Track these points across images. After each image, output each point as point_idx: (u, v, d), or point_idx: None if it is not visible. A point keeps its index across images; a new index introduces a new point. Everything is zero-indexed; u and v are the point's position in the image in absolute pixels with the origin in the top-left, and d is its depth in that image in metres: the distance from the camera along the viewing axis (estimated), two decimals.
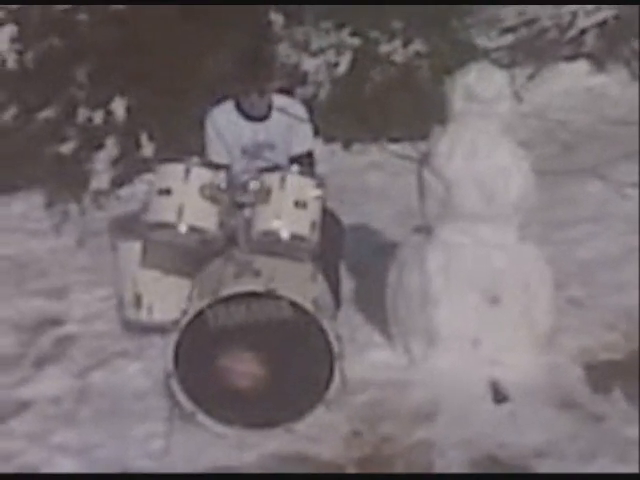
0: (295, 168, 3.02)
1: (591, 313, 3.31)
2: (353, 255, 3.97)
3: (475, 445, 2.60)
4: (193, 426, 2.75)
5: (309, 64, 6.01)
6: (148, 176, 4.32)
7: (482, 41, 6.33)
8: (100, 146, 5.47)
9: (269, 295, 2.71)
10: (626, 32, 6.38)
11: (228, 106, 3.32)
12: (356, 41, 6.03)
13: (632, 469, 2.46)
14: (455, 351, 2.98)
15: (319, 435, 2.69)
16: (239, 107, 3.29)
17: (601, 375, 2.92)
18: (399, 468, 2.56)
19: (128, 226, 3.44)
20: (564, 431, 2.65)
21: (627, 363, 3.00)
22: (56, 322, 3.67)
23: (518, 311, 3.01)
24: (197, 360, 2.75)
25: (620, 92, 6.17)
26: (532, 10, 6.47)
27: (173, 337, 2.74)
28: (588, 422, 2.69)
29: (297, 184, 2.98)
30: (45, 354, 3.41)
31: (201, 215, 2.96)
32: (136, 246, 3.31)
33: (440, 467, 2.54)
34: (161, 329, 3.11)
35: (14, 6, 5.59)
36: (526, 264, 3.04)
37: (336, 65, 6.01)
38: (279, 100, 3.32)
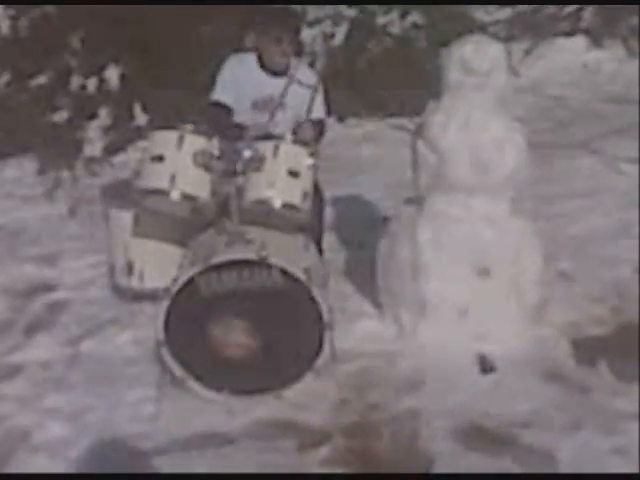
0: (289, 137, 3.01)
1: (580, 287, 3.33)
2: (345, 226, 3.98)
3: (461, 414, 2.63)
4: (183, 392, 2.77)
5: (305, 34, 5.96)
6: (141, 144, 4.30)
7: (480, 14, 6.29)
8: (93, 114, 5.43)
9: (261, 263, 2.72)
10: (623, 8, 6.35)
11: (249, 56, 3.33)
12: (353, 12, 5.98)
13: (616, 441, 2.48)
14: (444, 322, 3.00)
15: (308, 402, 2.71)
16: (260, 60, 3.30)
17: (588, 348, 2.94)
18: (386, 435, 2.58)
19: (120, 194, 3.43)
20: (549, 402, 2.68)
21: (615, 337, 3.03)
22: (47, 288, 3.68)
23: (507, 283, 3.03)
24: (188, 327, 2.76)
25: (616, 68, 6.16)
26: None
27: (164, 304, 2.74)
28: (574, 393, 2.72)
29: (290, 153, 2.97)
30: (36, 320, 3.42)
31: (194, 182, 2.95)
32: (128, 214, 3.31)
33: (425, 435, 2.57)
34: (152, 296, 3.12)
35: None
36: (516, 237, 3.05)
37: (332, 36, 5.96)
38: (295, 64, 3.32)
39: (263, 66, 3.31)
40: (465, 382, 2.79)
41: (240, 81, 3.30)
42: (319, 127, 3.35)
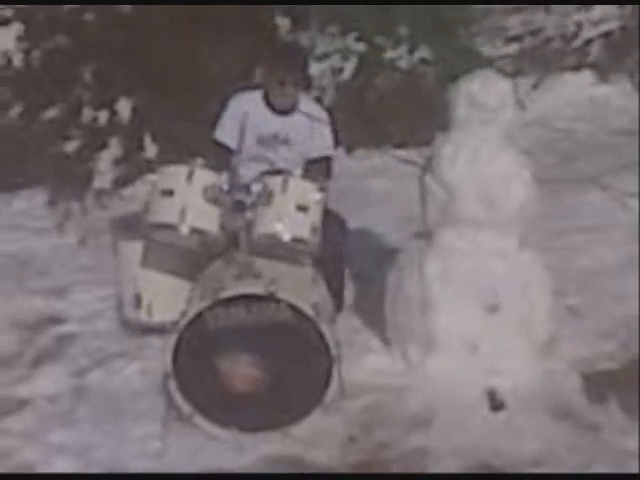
0: (298, 172, 3.03)
1: (590, 322, 3.31)
2: (354, 260, 3.97)
3: (470, 453, 2.61)
4: (190, 428, 2.75)
5: (314, 69, 6.02)
6: (151, 177, 4.33)
7: (487, 49, 6.34)
8: (104, 146, 5.48)
9: (269, 298, 2.72)
10: (630, 44, 6.40)
11: (255, 95, 3.38)
12: (361, 47, 6.04)
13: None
14: (452, 357, 2.99)
15: (315, 439, 2.69)
16: (266, 98, 3.34)
17: (598, 385, 2.92)
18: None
19: (130, 226, 3.44)
20: (560, 440, 2.65)
21: (625, 373, 3.01)
22: (56, 321, 3.67)
23: (516, 319, 3.01)
24: (195, 362, 2.75)
25: (623, 103, 6.19)
26: (537, 20, 6.48)
27: (172, 338, 2.74)
28: (584, 432, 2.69)
29: (299, 188, 2.99)
30: (44, 352, 3.41)
31: (203, 217, 2.97)
32: (137, 246, 3.32)
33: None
34: (160, 330, 3.12)
35: (21, 4, 5.59)
36: (525, 272, 3.05)
37: (341, 70, 6.02)
38: (305, 102, 3.37)
39: (269, 103, 3.35)
40: (474, 419, 2.76)
41: (244, 118, 3.29)
42: (329, 165, 3.38)
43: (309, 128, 3.31)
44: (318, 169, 3.27)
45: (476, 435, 2.69)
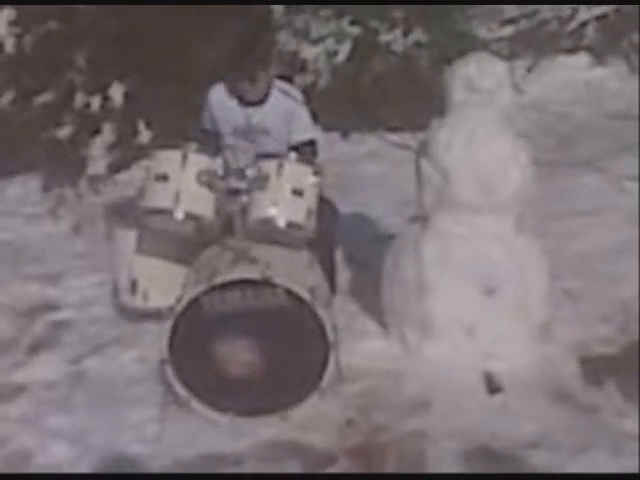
0: (293, 155, 3.01)
1: (587, 305, 3.31)
2: (350, 244, 3.96)
3: (468, 435, 2.61)
4: (187, 412, 2.75)
5: (308, 52, 5.98)
6: (145, 162, 4.30)
7: (482, 32, 6.30)
8: (97, 131, 5.44)
9: (265, 282, 2.71)
10: (626, 26, 6.37)
11: (221, 88, 3.32)
12: (356, 30, 5.99)
13: (625, 462, 2.46)
14: (450, 341, 2.99)
15: (313, 423, 2.69)
16: (233, 90, 3.27)
17: (595, 367, 2.92)
18: (391, 457, 2.56)
19: (124, 212, 3.43)
20: (557, 422, 2.66)
21: (622, 356, 3.01)
22: (51, 307, 3.66)
23: (513, 302, 3.01)
24: (192, 347, 2.75)
25: (619, 85, 6.16)
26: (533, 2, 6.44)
27: (168, 323, 2.73)
28: (582, 414, 2.70)
29: (295, 171, 2.97)
30: (40, 339, 3.41)
31: (198, 201, 2.95)
32: (132, 232, 3.31)
33: (432, 457, 2.54)
34: (156, 315, 3.11)
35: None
36: (522, 255, 3.04)
37: (335, 53, 5.98)
38: (279, 85, 3.31)
39: (238, 98, 3.27)
40: (472, 402, 2.77)
41: (215, 112, 3.32)
42: (313, 148, 3.32)
43: (286, 114, 3.24)
44: (303, 153, 3.24)
45: (473, 418, 2.69)
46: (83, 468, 2.59)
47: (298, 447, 2.62)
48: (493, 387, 2.84)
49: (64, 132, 5.38)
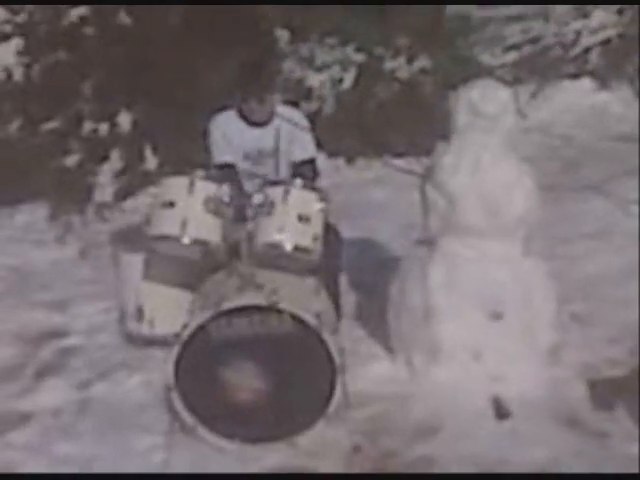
0: (299, 182, 3.02)
1: (594, 329, 3.30)
2: (356, 269, 3.97)
3: (476, 461, 2.59)
4: (194, 440, 2.74)
5: (314, 79, 6.03)
6: (152, 189, 4.33)
7: (486, 58, 6.36)
8: (104, 159, 5.48)
9: (271, 308, 2.71)
10: (629, 50, 6.41)
11: (230, 113, 3.39)
12: (361, 57, 6.05)
13: None
14: (457, 365, 2.97)
15: (320, 450, 2.67)
16: (241, 113, 3.35)
17: (604, 391, 2.90)
18: None
19: (131, 239, 3.44)
20: (567, 448, 2.63)
21: (630, 379, 2.98)
22: (58, 334, 3.66)
23: (521, 326, 3.00)
24: (198, 373, 2.74)
25: (623, 109, 6.19)
26: (536, 28, 6.50)
27: (174, 350, 2.73)
28: (591, 439, 2.68)
29: (300, 198, 2.98)
30: (46, 366, 3.40)
31: (204, 228, 2.96)
32: (138, 258, 3.31)
33: None
34: (163, 342, 3.10)
35: (21, 19, 5.62)
36: (529, 279, 3.04)
37: (341, 81, 6.03)
38: (282, 109, 3.38)
39: (246, 119, 3.34)
40: (480, 428, 2.75)
41: (228, 137, 3.36)
42: (313, 166, 3.40)
43: (290, 134, 3.32)
44: (304, 171, 3.28)
45: (482, 444, 2.67)
46: None
47: (305, 474, 2.60)
48: (502, 412, 2.82)
49: (71, 160, 5.43)
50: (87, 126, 5.50)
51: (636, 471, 2.50)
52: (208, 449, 2.71)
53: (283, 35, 6.06)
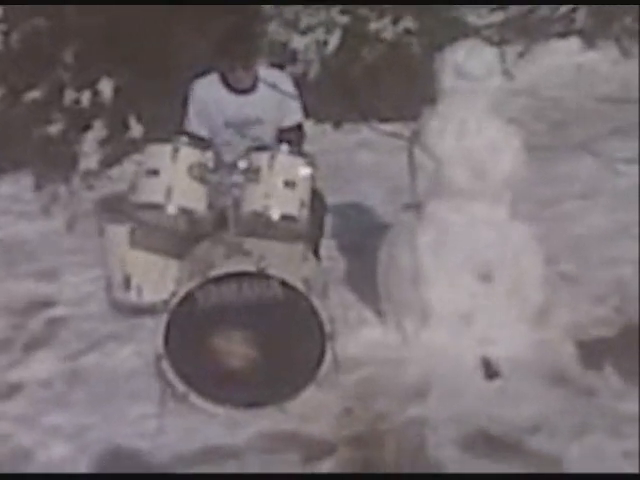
0: (285, 147, 2.99)
1: (583, 288, 3.31)
2: (344, 234, 3.96)
3: (467, 421, 2.61)
4: (185, 406, 2.75)
5: (299, 42, 5.95)
6: (137, 156, 4.28)
7: (472, 18, 6.28)
8: (88, 127, 5.41)
9: (259, 275, 2.70)
10: (616, 9, 6.36)
11: (212, 78, 3.29)
12: (345, 19, 5.97)
13: (624, 444, 2.46)
14: (447, 328, 2.98)
15: (311, 414, 2.69)
16: (224, 80, 3.26)
17: (593, 350, 2.93)
18: (391, 445, 2.56)
19: (116, 207, 3.41)
20: (556, 406, 2.66)
21: (619, 338, 3.01)
22: (46, 304, 3.64)
23: (509, 287, 3.01)
24: (188, 341, 2.74)
25: (610, 69, 6.16)
26: None
27: (163, 318, 2.72)
28: (580, 397, 2.70)
29: (286, 163, 2.95)
30: (36, 337, 3.39)
31: (190, 195, 2.93)
32: (124, 227, 3.29)
33: (432, 443, 2.54)
34: (151, 310, 3.10)
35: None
36: (517, 240, 3.04)
37: (325, 43, 5.96)
38: (266, 72, 3.30)
39: (229, 86, 3.26)
40: (471, 388, 2.77)
41: (206, 105, 3.28)
42: (300, 131, 3.35)
43: (277, 100, 3.23)
44: (290, 136, 3.24)
45: (472, 403, 2.69)
46: (83, 465, 2.58)
47: (297, 438, 2.62)
48: (491, 372, 2.85)
49: (55, 129, 5.36)
50: (69, 94, 5.42)
51: (624, 429, 2.52)
52: (200, 415, 2.72)
53: None
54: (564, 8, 6.49)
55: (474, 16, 6.35)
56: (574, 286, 3.32)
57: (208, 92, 3.28)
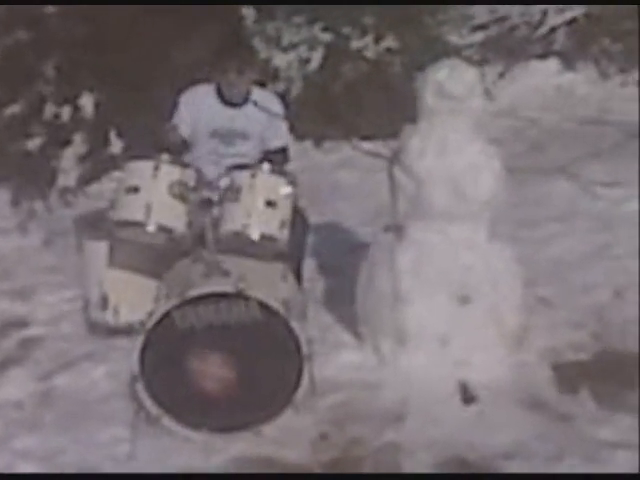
0: (266, 166, 2.98)
1: (560, 312, 3.32)
2: (324, 254, 3.95)
3: (443, 446, 2.59)
4: (159, 430, 2.70)
5: (281, 59, 5.97)
6: (117, 173, 4.25)
7: (453, 38, 6.34)
8: (67, 142, 5.38)
9: (238, 295, 2.68)
10: (596, 30, 6.44)
11: (207, 88, 3.36)
12: (328, 37, 6.00)
13: (600, 469, 2.46)
14: (424, 351, 2.97)
15: (286, 438, 2.66)
16: (218, 91, 3.32)
17: (569, 375, 2.93)
18: (366, 470, 2.54)
19: (95, 224, 3.38)
20: (532, 431, 2.65)
21: (595, 363, 3.02)
22: (21, 324, 3.59)
23: (487, 310, 3.01)
24: (164, 362, 2.70)
25: (589, 90, 6.23)
26: (503, 8, 6.49)
27: (139, 339, 2.69)
28: (556, 422, 2.70)
29: (267, 183, 2.94)
30: (9, 357, 3.33)
31: (169, 214, 2.91)
32: (103, 245, 3.26)
33: (408, 469, 2.52)
34: (127, 330, 3.06)
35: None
36: (496, 263, 3.04)
37: (308, 61, 5.97)
38: (257, 93, 3.34)
39: (222, 97, 3.32)
40: (447, 413, 2.75)
41: (197, 113, 3.33)
42: (285, 154, 3.40)
43: (264, 119, 3.28)
44: (275, 158, 3.27)
45: (449, 428, 2.68)
46: None
47: (272, 462, 2.59)
48: (468, 397, 2.84)
49: (34, 143, 5.32)
50: (49, 109, 5.38)
51: (600, 454, 2.52)
52: (173, 439, 2.68)
53: (249, 14, 5.98)
54: (543, 28, 6.57)
55: (455, 36, 6.41)
56: (551, 310, 3.33)
57: (201, 98, 3.34)
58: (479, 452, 2.57)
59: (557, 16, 6.54)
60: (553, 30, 6.57)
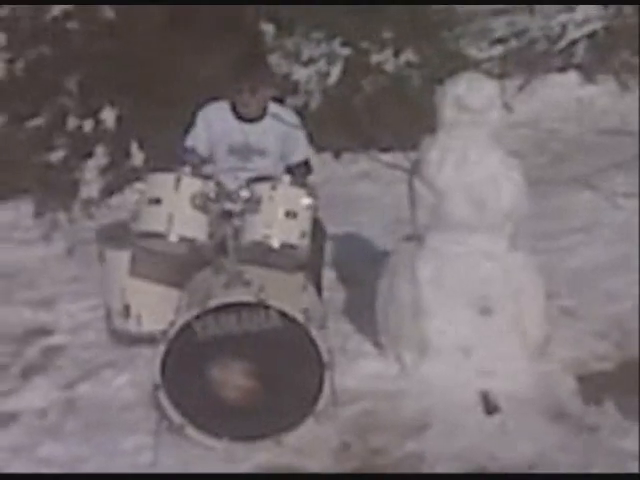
0: (286, 178, 3.00)
1: (583, 323, 3.30)
2: (344, 265, 3.95)
3: (466, 457, 2.58)
4: (181, 439, 2.71)
5: (300, 74, 6.01)
6: (138, 185, 4.30)
7: (472, 52, 6.35)
8: (90, 155, 5.44)
9: (259, 305, 2.69)
10: (615, 43, 6.43)
11: (223, 104, 3.38)
12: (347, 51, 6.03)
13: None
14: (446, 361, 2.96)
15: (308, 448, 2.65)
16: (234, 108, 3.34)
17: (593, 385, 2.90)
18: None
19: (117, 235, 3.41)
20: (556, 443, 2.63)
21: (619, 373, 2.99)
22: (44, 332, 3.63)
23: (509, 321, 2.99)
24: (185, 371, 2.72)
25: (609, 103, 6.22)
26: (522, 21, 6.50)
27: (161, 348, 2.70)
28: (580, 433, 2.67)
29: (288, 194, 2.96)
30: (32, 365, 3.37)
31: (191, 225, 2.93)
32: (125, 255, 3.28)
33: None
34: (149, 339, 3.08)
35: (3, 14, 5.56)
36: (517, 273, 3.03)
37: (327, 75, 6.01)
38: (273, 107, 3.36)
39: (238, 113, 3.34)
40: (470, 423, 2.74)
41: (213, 128, 3.35)
42: (308, 166, 3.41)
43: (283, 134, 3.30)
44: (298, 172, 3.29)
45: (471, 439, 2.66)
46: None
47: (293, 472, 2.58)
48: (490, 408, 2.82)
49: (56, 156, 5.39)
50: (72, 122, 5.45)
51: (626, 466, 2.49)
52: (196, 448, 2.69)
53: (269, 29, 6.03)
54: (563, 42, 6.57)
55: (474, 49, 6.43)
56: (574, 320, 3.31)
57: (217, 115, 3.36)
58: (501, 463, 2.55)
59: (576, 29, 6.54)
60: (573, 43, 6.57)
